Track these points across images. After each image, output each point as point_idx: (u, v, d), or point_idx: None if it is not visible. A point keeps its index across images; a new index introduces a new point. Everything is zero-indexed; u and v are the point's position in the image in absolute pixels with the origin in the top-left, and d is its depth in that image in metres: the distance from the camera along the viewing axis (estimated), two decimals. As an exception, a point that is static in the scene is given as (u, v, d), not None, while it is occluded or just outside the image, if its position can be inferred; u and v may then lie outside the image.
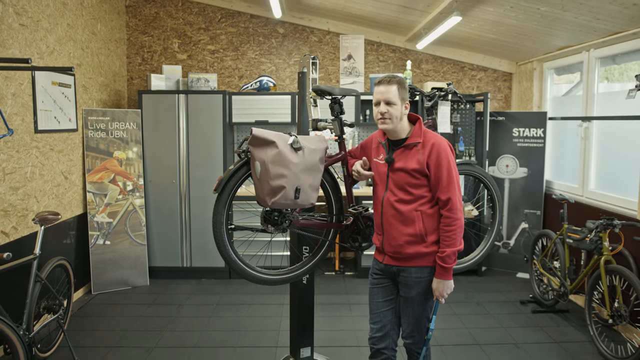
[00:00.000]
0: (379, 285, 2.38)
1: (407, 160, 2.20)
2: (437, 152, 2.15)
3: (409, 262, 2.25)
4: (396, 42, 5.60)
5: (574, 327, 3.87)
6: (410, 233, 2.20)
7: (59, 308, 3.34)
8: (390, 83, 2.19)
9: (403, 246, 2.23)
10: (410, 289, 2.26)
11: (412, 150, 2.21)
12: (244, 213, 4.55)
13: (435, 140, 2.18)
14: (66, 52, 4.20)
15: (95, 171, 4.54)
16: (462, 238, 2.17)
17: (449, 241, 2.14)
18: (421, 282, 2.24)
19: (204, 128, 4.83)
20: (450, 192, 2.15)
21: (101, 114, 4.59)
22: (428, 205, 2.20)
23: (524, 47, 4.91)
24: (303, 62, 2.63)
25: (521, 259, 5.09)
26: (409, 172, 2.19)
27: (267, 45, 5.59)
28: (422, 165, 2.17)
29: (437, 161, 2.15)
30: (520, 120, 5.12)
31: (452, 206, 2.14)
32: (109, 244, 4.60)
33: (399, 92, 2.18)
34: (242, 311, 4.17)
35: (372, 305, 2.40)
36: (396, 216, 2.23)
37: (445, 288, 2.18)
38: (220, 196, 2.16)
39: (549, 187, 5.03)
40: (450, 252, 2.14)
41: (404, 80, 2.22)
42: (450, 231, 2.14)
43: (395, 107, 2.18)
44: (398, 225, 2.23)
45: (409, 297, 2.28)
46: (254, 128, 2.10)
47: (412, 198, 2.20)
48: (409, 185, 2.20)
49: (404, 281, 2.27)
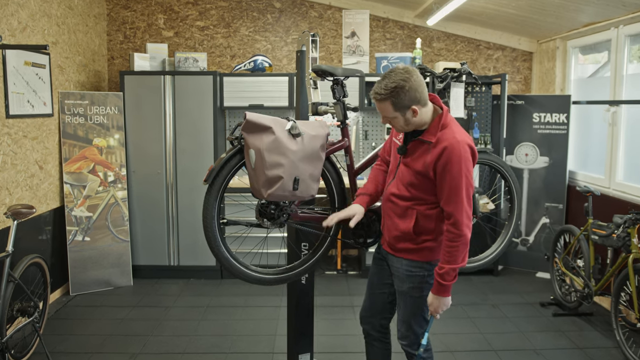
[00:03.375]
0: (379, 266, 2.49)
1: (415, 159, 2.17)
2: (448, 158, 2.05)
3: (401, 254, 2.30)
4: (405, 18, 5.57)
5: (599, 331, 3.88)
6: (401, 229, 2.25)
7: (34, 310, 3.34)
8: (381, 100, 2.07)
9: (395, 239, 2.30)
10: (402, 283, 2.32)
11: (423, 147, 2.15)
12: (238, 206, 4.55)
13: (450, 142, 2.06)
14: (40, 28, 4.18)
15: (73, 160, 4.53)
16: (466, 255, 2.13)
17: (450, 257, 2.10)
18: (413, 277, 2.29)
19: (193, 113, 4.82)
20: (453, 206, 2.07)
21: (79, 97, 4.57)
22: (427, 206, 2.20)
23: (546, 23, 4.87)
24: (302, 39, 2.61)
25: (541, 257, 5.10)
26: (412, 171, 2.18)
27: (262, 21, 5.56)
28: (426, 168, 2.12)
29: (444, 167, 2.07)
30: (542, 105, 5.10)
31: (455, 222, 2.08)
32: (88, 240, 4.61)
33: (394, 106, 2.06)
34: (235, 314, 4.18)
35: (368, 283, 2.55)
36: (393, 208, 2.29)
37: (441, 305, 2.18)
38: (211, 188, 2.16)
39: (573, 178, 5.03)
40: (449, 269, 2.11)
41: (401, 87, 2.02)
42: (452, 247, 2.09)
43: (396, 119, 2.13)
44: (394, 217, 2.29)
45: (401, 291, 2.34)
46: (248, 112, 2.09)
47: (410, 196, 2.21)
48: (410, 185, 2.20)
49: (396, 273, 2.34)
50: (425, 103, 2.12)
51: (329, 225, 2.32)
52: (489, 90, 5.15)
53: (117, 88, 5.45)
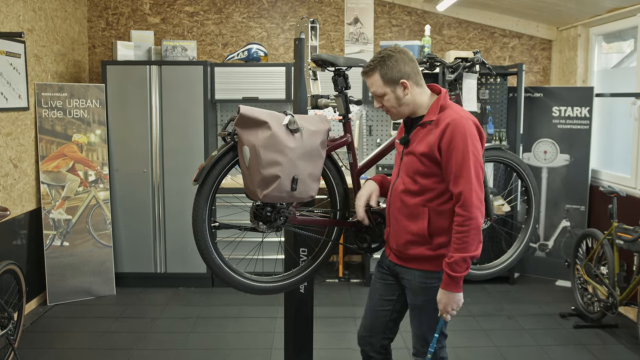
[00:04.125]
0: (383, 280, 2.44)
1: (418, 142, 2.19)
2: (452, 134, 2.08)
3: (413, 264, 2.26)
4: (412, 3, 5.57)
5: (624, 344, 3.88)
6: (413, 231, 2.20)
7: (8, 322, 3.34)
8: (368, 73, 2.17)
9: (405, 245, 2.24)
10: (416, 296, 2.27)
11: (425, 130, 2.19)
12: (230, 208, 4.55)
13: (452, 118, 2.11)
14: (14, 14, 4.17)
15: (50, 158, 4.53)
16: (479, 242, 2.09)
17: (460, 245, 2.06)
18: (428, 289, 2.23)
19: (182, 106, 4.82)
20: (462, 185, 2.07)
21: (57, 89, 4.57)
22: (439, 200, 2.17)
23: (567, 8, 4.88)
24: (300, 26, 2.61)
25: (561, 264, 5.10)
26: (417, 156, 2.18)
27: (256, 7, 5.56)
28: (431, 148, 2.12)
29: (449, 144, 2.08)
30: (562, 97, 5.10)
31: (464, 202, 2.06)
32: (67, 245, 4.61)
33: (383, 79, 2.14)
34: (227, 326, 4.18)
35: (369, 300, 2.50)
36: (402, 209, 2.25)
37: (451, 302, 2.12)
38: (201, 188, 2.16)
39: (596, 177, 5.03)
40: (459, 258, 2.06)
41: (388, 56, 2.14)
42: (462, 232, 2.06)
43: (386, 97, 2.17)
44: (403, 220, 2.24)
45: (415, 305, 2.29)
46: (242, 106, 2.09)
47: (419, 189, 2.19)
48: (417, 174, 2.19)
49: (409, 285, 2.29)
50: (419, 83, 2.19)
51: (365, 222, 2.37)
52: (505, 81, 5.14)
53: (99, 79, 5.44)
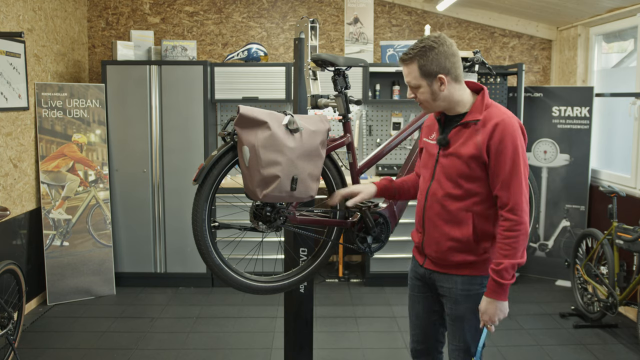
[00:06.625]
0: (421, 294, 2.33)
1: (463, 143, 2.05)
2: (501, 135, 1.97)
3: (455, 270, 2.15)
4: (412, 3, 5.57)
5: (624, 344, 3.88)
6: (457, 237, 2.09)
7: (8, 322, 3.34)
8: (407, 61, 2.04)
9: (447, 253, 2.13)
10: (458, 305, 2.16)
11: (469, 130, 2.05)
12: (230, 208, 4.55)
13: (500, 118, 2.00)
14: (14, 13, 4.17)
15: (50, 158, 4.53)
16: (525, 250, 2.00)
17: (509, 251, 1.97)
18: (471, 297, 2.13)
19: (181, 106, 4.82)
20: (513, 189, 1.97)
21: (57, 89, 4.57)
22: (483, 205, 2.08)
23: (567, 8, 4.87)
24: (300, 26, 2.61)
25: (561, 264, 5.10)
26: (462, 158, 2.04)
27: (256, 7, 5.56)
28: (479, 150, 2.00)
29: (499, 146, 1.98)
30: (562, 97, 5.10)
31: (514, 206, 1.97)
32: (67, 245, 4.61)
33: (421, 70, 2.01)
34: (227, 326, 4.19)
35: (412, 314, 2.38)
36: (442, 215, 2.12)
37: (498, 311, 2.02)
38: (201, 188, 2.15)
39: (595, 177, 5.03)
40: (509, 265, 1.96)
41: (430, 47, 2.00)
42: (511, 238, 1.97)
43: (421, 90, 2.05)
44: (443, 226, 2.12)
45: (457, 315, 2.17)
46: (242, 106, 2.09)
47: (463, 193, 2.07)
48: (461, 177, 2.06)
49: (449, 294, 2.17)
50: (457, 79, 2.06)
51: (333, 204, 2.38)
52: (505, 81, 5.14)
53: (99, 79, 5.44)
